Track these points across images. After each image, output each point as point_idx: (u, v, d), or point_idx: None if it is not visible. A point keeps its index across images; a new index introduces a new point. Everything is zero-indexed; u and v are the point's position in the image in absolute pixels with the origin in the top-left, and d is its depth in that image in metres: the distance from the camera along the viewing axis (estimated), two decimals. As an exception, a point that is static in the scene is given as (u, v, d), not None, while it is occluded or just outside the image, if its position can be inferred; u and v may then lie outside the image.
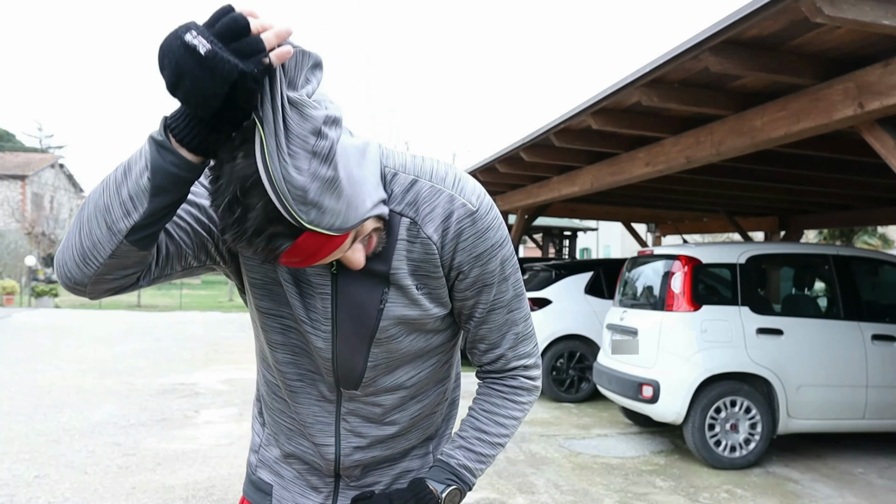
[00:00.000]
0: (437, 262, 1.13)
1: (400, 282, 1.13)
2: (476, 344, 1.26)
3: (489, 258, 1.15)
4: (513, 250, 1.20)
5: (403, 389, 1.23)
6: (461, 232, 1.12)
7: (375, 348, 1.17)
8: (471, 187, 1.14)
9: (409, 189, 1.12)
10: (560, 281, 7.84)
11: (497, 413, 1.27)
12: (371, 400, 1.22)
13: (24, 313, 18.36)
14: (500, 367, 1.27)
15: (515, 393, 1.28)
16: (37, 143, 50.45)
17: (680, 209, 11.02)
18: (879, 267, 6.16)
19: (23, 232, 31.60)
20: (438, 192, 1.12)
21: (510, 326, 1.23)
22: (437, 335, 1.22)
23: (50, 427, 5.89)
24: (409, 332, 1.17)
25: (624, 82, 4.30)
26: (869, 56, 3.50)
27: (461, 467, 1.22)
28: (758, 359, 5.15)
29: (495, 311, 1.21)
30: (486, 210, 1.13)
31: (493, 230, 1.14)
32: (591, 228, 21.14)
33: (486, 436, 1.25)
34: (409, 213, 1.12)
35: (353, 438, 1.24)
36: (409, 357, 1.21)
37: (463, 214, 1.11)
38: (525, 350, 1.27)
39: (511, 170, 7.60)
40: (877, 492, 4.69)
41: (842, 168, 6.22)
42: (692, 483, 4.81)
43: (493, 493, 4.43)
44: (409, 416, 1.27)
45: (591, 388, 7.30)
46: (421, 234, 1.11)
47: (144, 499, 4.22)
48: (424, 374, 1.25)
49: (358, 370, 1.18)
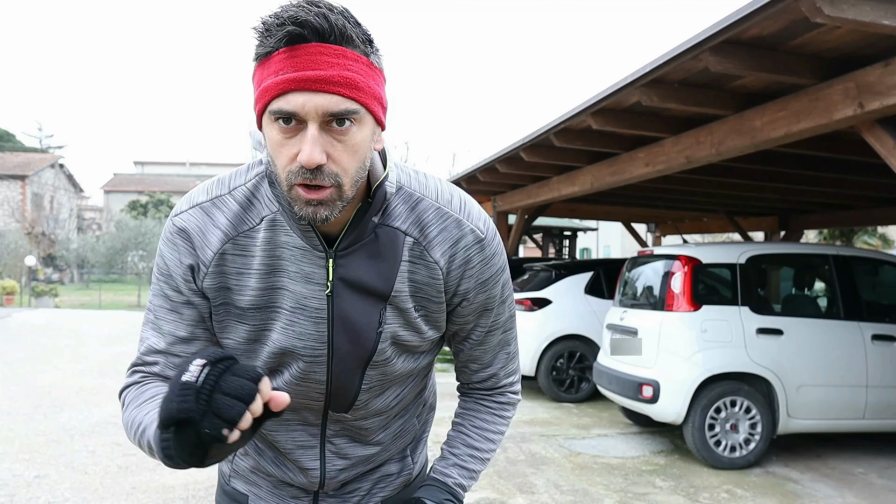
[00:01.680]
0: (440, 286, 1.11)
1: (400, 304, 1.10)
2: (468, 364, 1.26)
3: (493, 284, 1.15)
4: (509, 274, 1.20)
5: (388, 410, 1.22)
6: (469, 259, 1.11)
7: (371, 371, 1.14)
8: (477, 212, 1.14)
9: (413, 207, 1.10)
10: (560, 281, 7.83)
11: (487, 430, 1.27)
12: (358, 424, 1.20)
13: (24, 313, 18.36)
14: (490, 385, 1.27)
15: (503, 409, 1.29)
16: (37, 143, 50.45)
17: (680, 209, 11.02)
18: (879, 267, 6.15)
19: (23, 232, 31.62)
20: (445, 216, 1.10)
21: (503, 346, 1.24)
22: (425, 356, 1.21)
23: (50, 427, 5.89)
24: (401, 353, 1.15)
25: (624, 82, 4.30)
26: (869, 56, 3.50)
27: (457, 486, 1.22)
28: (758, 359, 5.15)
29: (492, 332, 1.21)
30: (492, 236, 1.13)
31: (497, 255, 1.14)
32: (591, 228, 21.13)
33: (477, 452, 1.25)
34: (413, 233, 1.09)
35: (339, 461, 1.23)
36: (399, 378, 1.19)
37: (472, 241, 1.10)
38: (513, 368, 1.29)
39: (511, 170, 7.60)
40: (877, 492, 4.69)
41: (842, 168, 6.22)
42: (692, 483, 4.81)
43: (493, 493, 4.43)
44: (392, 434, 1.27)
45: (591, 388, 7.30)
46: (426, 256, 1.09)
47: (144, 499, 4.22)
48: (408, 390, 1.23)
49: (352, 394, 1.15)
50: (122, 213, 39.54)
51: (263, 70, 0.96)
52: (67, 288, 31.57)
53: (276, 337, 1.10)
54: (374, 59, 0.99)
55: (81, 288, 32.59)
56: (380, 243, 1.09)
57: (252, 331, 1.11)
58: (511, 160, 7.32)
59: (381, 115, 1.02)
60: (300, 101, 0.93)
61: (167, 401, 0.84)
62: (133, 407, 1.09)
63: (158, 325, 1.13)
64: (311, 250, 1.08)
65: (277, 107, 0.94)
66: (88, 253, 33.94)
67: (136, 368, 1.15)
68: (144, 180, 48.34)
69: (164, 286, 1.12)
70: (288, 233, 1.08)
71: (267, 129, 0.98)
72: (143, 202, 39.84)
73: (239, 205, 1.10)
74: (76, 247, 34.85)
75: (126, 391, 1.15)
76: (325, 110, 0.93)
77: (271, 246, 1.08)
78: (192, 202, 1.12)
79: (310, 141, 0.94)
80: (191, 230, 1.09)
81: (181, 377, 0.84)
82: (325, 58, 0.93)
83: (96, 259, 33.99)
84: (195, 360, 0.86)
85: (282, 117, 0.95)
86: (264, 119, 0.98)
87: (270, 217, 1.08)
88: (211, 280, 1.09)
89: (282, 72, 0.93)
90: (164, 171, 52.41)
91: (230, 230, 1.09)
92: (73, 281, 36.62)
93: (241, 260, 1.09)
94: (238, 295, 1.10)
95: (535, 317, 7.57)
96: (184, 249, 1.10)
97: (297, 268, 1.08)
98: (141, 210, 38.75)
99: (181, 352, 1.12)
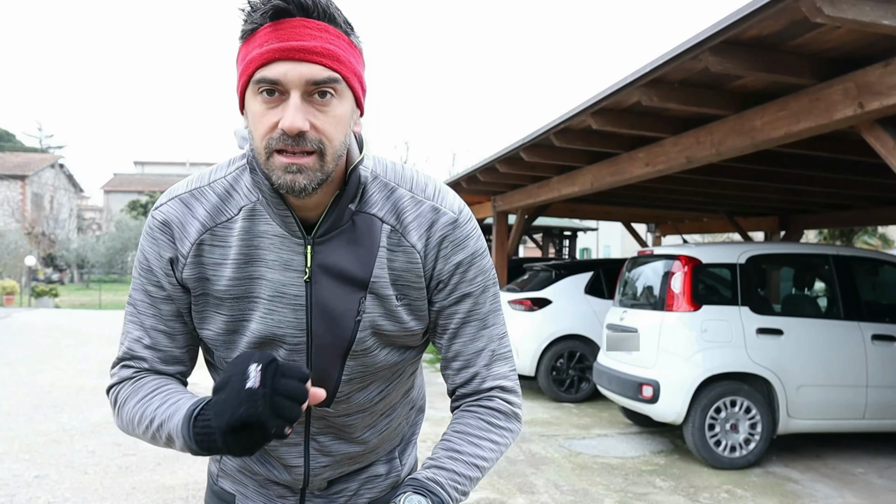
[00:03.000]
0: (419, 271, 1.12)
1: (380, 291, 1.10)
2: (450, 363, 1.19)
3: (468, 266, 1.14)
4: (492, 265, 1.19)
5: (371, 406, 1.21)
6: (443, 239, 1.12)
7: (351, 361, 1.13)
8: (451, 197, 1.16)
9: (388, 196, 1.12)
10: (560, 281, 7.83)
11: (470, 434, 1.14)
12: (342, 421, 1.19)
13: (24, 313, 18.36)
14: (475, 388, 1.18)
15: (491, 414, 1.17)
16: (37, 143, 50.46)
17: (680, 209, 11.02)
18: (879, 267, 6.16)
19: (23, 232, 31.62)
20: (420, 203, 1.12)
21: (486, 343, 1.18)
22: (409, 350, 1.20)
23: (50, 427, 5.89)
24: (384, 345, 1.14)
25: (624, 82, 4.30)
26: (869, 56, 3.50)
27: (429, 480, 1.08)
28: (758, 359, 5.15)
29: (470, 323, 1.16)
30: (465, 219, 1.15)
31: (472, 239, 1.15)
32: (591, 228, 21.13)
33: (458, 454, 1.12)
34: (390, 221, 1.11)
35: (323, 458, 1.22)
36: (382, 371, 1.17)
37: (446, 222, 1.12)
38: (501, 371, 1.19)
39: (511, 170, 7.60)
40: (877, 492, 4.69)
41: (842, 168, 6.22)
42: (692, 483, 4.81)
43: (493, 493, 4.43)
44: (379, 433, 1.26)
45: (591, 388, 7.30)
46: (403, 242, 1.11)
47: (144, 499, 4.22)
48: (392, 387, 1.22)
49: (332, 385, 1.14)
50: (122, 213, 39.56)
51: (248, 46, 0.99)
52: (67, 288, 31.57)
53: (255, 326, 1.10)
54: (355, 40, 1.03)
55: (81, 288, 32.60)
56: (357, 230, 1.10)
57: (230, 321, 1.12)
58: (511, 160, 7.32)
59: (361, 95, 1.06)
60: (283, 70, 0.96)
61: (232, 406, 0.94)
62: (135, 402, 1.12)
63: (140, 320, 1.16)
64: (289, 237, 1.09)
65: (261, 75, 0.97)
66: (88, 253, 33.96)
67: (125, 363, 1.17)
68: (144, 180, 48.34)
69: (145, 281, 1.14)
70: (267, 221, 1.09)
71: (250, 103, 1.00)
72: (143, 202, 39.82)
73: (218, 196, 1.11)
74: (76, 247, 34.87)
75: (119, 387, 1.17)
76: (307, 78, 0.96)
77: (249, 236, 1.10)
78: (172, 194, 1.14)
79: (292, 108, 0.96)
80: (171, 221, 1.11)
81: (244, 384, 0.93)
82: (308, 30, 0.97)
83: (96, 259, 34.02)
84: (251, 365, 0.94)
85: (265, 89, 0.97)
86: (248, 93, 1.01)
87: (249, 207, 1.10)
88: (190, 270, 1.11)
89: (266, 43, 0.97)
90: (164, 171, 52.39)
91: (208, 221, 1.10)
92: (73, 281, 36.63)
93: (219, 250, 1.10)
94: (215, 285, 1.11)
95: (535, 317, 7.57)
96: (163, 243, 1.11)
97: (276, 256, 1.09)
98: (141, 210, 38.74)
99: (165, 346, 1.16)
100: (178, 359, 1.17)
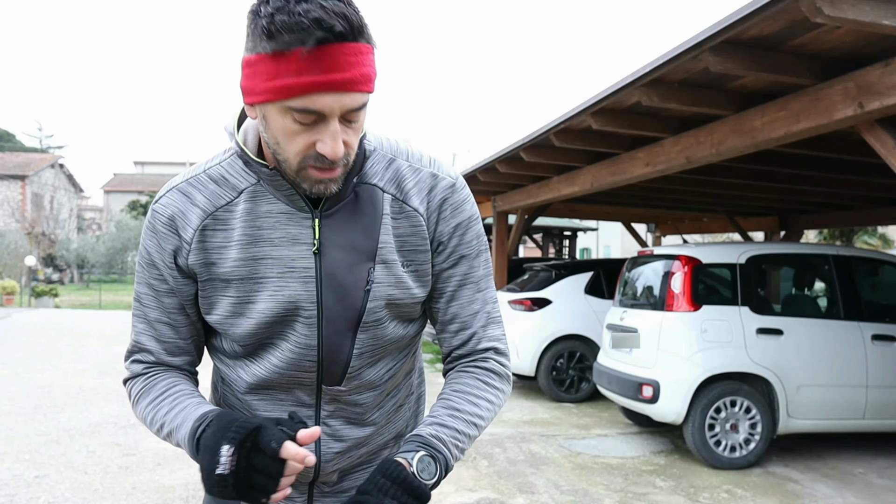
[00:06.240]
0: (424, 233, 1.17)
1: (386, 257, 1.14)
2: (447, 326, 1.23)
3: (466, 228, 1.20)
4: (483, 230, 1.25)
5: (381, 384, 1.23)
6: (443, 202, 1.17)
7: (362, 334, 1.15)
8: (447, 165, 1.22)
9: (388, 167, 1.17)
10: (560, 281, 7.83)
11: (469, 392, 1.18)
12: (353, 399, 1.20)
13: (24, 313, 18.36)
14: (472, 349, 1.22)
15: (488, 375, 1.21)
16: (37, 143, 50.47)
17: (680, 209, 11.02)
18: (879, 267, 6.16)
19: (23, 232, 31.62)
20: (418, 171, 1.18)
21: (481, 305, 1.23)
22: (412, 324, 1.24)
23: (50, 427, 5.89)
24: (392, 317, 1.18)
25: (624, 82, 4.30)
26: (869, 56, 3.50)
27: (432, 436, 1.10)
28: (758, 359, 5.15)
29: (466, 285, 1.22)
30: (462, 185, 1.21)
31: (468, 203, 1.21)
32: (591, 228, 21.13)
33: (457, 412, 1.15)
34: (390, 190, 1.16)
35: (334, 443, 1.22)
36: (390, 346, 1.20)
37: (445, 186, 1.18)
38: (495, 333, 1.24)
39: (511, 170, 7.60)
40: (877, 492, 4.69)
41: (842, 168, 6.22)
42: (692, 483, 4.81)
43: (493, 493, 4.43)
44: (385, 413, 1.27)
45: (591, 388, 7.30)
46: (405, 208, 1.16)
47: (144, 499, 4.22)
48: (398, 365, 1.25)
49: (343, 359, 1.16)
50: (122, 213, 39.54)
51: (277, 65, 0.95)
52: (67, 288, 31.57)
53: (264, 306, 1.12)
54: (374, 42, 1.03)
55: (81, 288, 32.60)
56: (360, 200, 1.14)
57: (237, 303, 1.13)
58: (511, 160, 7.32)
59: None
60: (327, 102, 0.97)
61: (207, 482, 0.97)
62: (146, 402, 1.17)
63: (145, 313, 1.19)
64: (296, 213, 1.12)
65: (303, 105, 0.97)
66: (88, 253, 33.95)
67: (136, 357, 1.22)
68: (144, 180, 48.33)
69: (148, 275, 1.17)
70: (270, 201, 1.12)
71: (274, 116, 1.00)
72: (143, 202, 39.81)
73: (214, 182, 1.15)
74: (76, 247, 34.85)
75: (132, 382, 1.22)
76: (348, 108, 0.99)
77: (252, 216, 1.12)
78: (170, 186, 1.18)
79: (333, 135, 0.99)
80: (172, 212, 1.14)
81: (214, 468, 0.95)
82: (346, 58, 0.96)
83: (96, 259, 34.01)
84: (223, 447, 0.96)
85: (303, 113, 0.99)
86: (273, 108, 0.99)
87: (250, 189, 1.13)
88: (195, 256, 1.13)
89: (305, 73, 0.94)
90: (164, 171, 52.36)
91: (208, 206, 1.13)
92: (73, 281, 36.63)
93: (222, 234, 1.13)
94: (221, 268, 1.13)
95: (535, 317, 7.57)
96: (165, 234, 1.14)
97: (283, 232, 1.12)
98: (141, 210, 38.73)
99: (169, 338, 1.20)
100: (184, 349, 1.21)
